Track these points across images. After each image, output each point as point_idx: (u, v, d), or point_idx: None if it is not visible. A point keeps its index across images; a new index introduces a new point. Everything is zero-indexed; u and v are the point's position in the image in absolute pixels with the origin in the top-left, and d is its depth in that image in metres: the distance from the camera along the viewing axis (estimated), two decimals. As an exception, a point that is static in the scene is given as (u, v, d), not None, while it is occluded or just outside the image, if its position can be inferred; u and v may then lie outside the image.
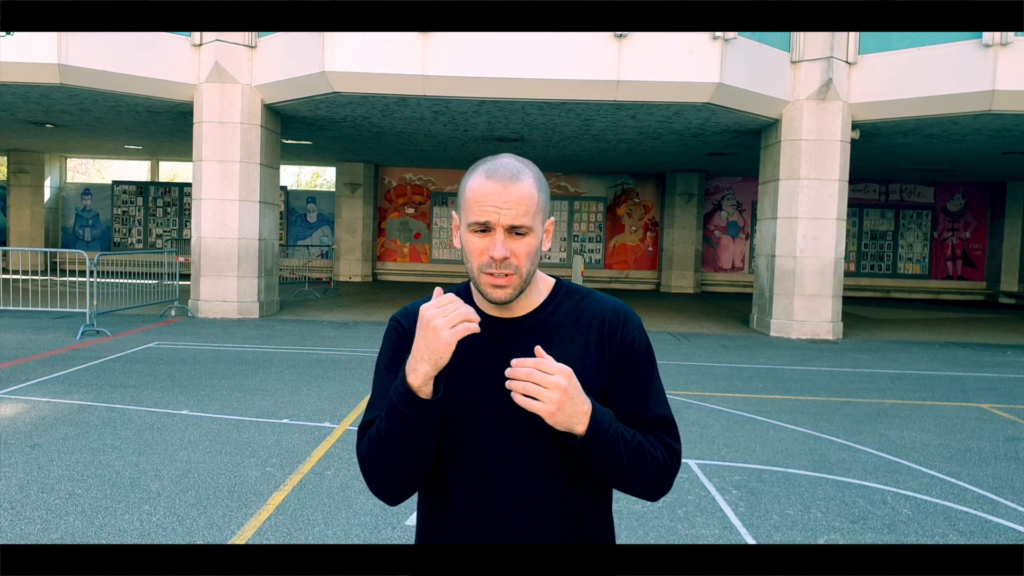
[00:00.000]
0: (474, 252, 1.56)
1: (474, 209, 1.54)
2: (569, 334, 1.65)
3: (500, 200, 1.53)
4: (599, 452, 1.53)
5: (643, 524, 4.58)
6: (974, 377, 10.01)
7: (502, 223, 1.53)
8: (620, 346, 1.68)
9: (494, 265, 1.54)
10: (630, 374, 1.68)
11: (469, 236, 1.57)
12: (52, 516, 4.44)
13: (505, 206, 1.53)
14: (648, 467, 1.60)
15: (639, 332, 1.71)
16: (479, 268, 1.56)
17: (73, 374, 8.33)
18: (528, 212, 1.55)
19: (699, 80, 11.78)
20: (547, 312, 1.67)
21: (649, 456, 1.60)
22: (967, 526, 4.73)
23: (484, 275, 1.56)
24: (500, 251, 1.53)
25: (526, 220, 1.54)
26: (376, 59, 11.79)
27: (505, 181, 1.54)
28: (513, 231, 1.54)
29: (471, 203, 1.55)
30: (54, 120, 16.49)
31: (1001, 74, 11.48)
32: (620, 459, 1.55)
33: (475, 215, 1.54)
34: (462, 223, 1.60)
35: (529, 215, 1.55)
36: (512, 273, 1.56)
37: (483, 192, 1.54)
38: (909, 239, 24.12)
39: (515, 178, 1.55)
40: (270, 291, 14.62)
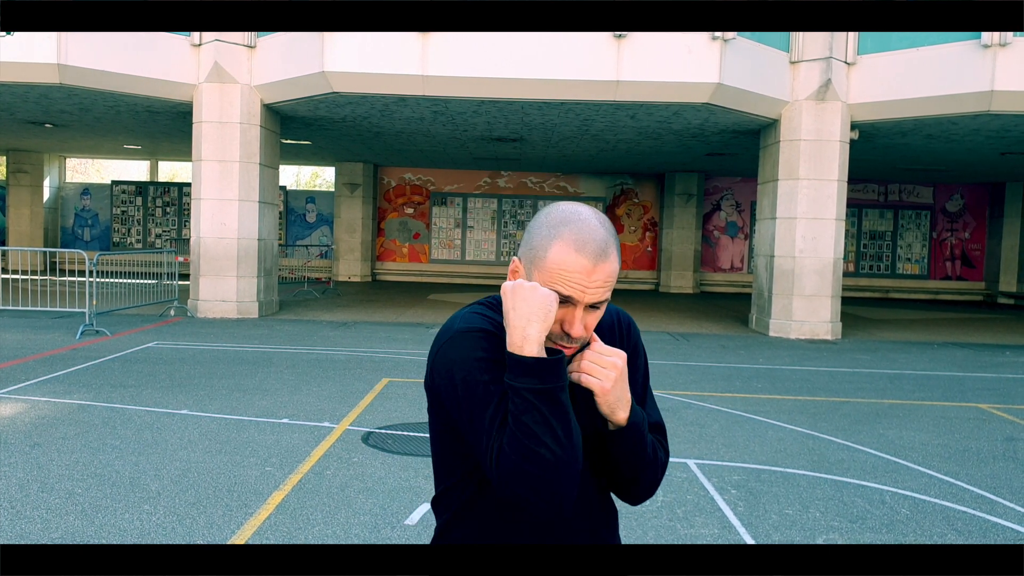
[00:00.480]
0: None
1: (557, 280, 1.47)
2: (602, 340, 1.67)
3: (588, 280, 1.47)
4: (633, 441, 1.55)
5: (642, 524, 4.58)
6: (973, 377, 10.02)
7: (586, 301, 1.49)
8: (632, 351, 1.71)
9: (566, 339, 1.51)
10: (634, 378, 1.70)
11: None
12: (52, 515, 4.44)
13: (592, 285, 1.48)
14: (657, 467, 1.63)
15: (639, 338, 1.75)
16: (551, 334, 1.51)
17: (72, 374, 8.33)
18: (609, 287, 1.51)
19: (698, 80, 11.79)
20: None
21: (655, 456, 1.63)
22: (965, 526, 4.74)
23: (552, 343, 1.52)
24: (579, 330, 1.49)
25: (607, 295, 1.52)
26: (375, 59, 11.80)
27: (595, 259, 1.48)
28: (592, 307, 1.51)
29: (554, 271, 1.48)
30: (53, 120, 16.49)
31: (1000, 74, 11.49)
32: (644, 453, 1.57)
33: (559, 287, 1.47)
34: (533, 275, 1.52)
35: (609, 290, 1.52)
36: (579, 345, 1.54)
37: (572, 268, 1.47)
38: (908, 239, 24.14)
39: (605, 255, 1.49)
40: (269, 291, 14.63)
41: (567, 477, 1.42)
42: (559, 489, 1.42)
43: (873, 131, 14.01)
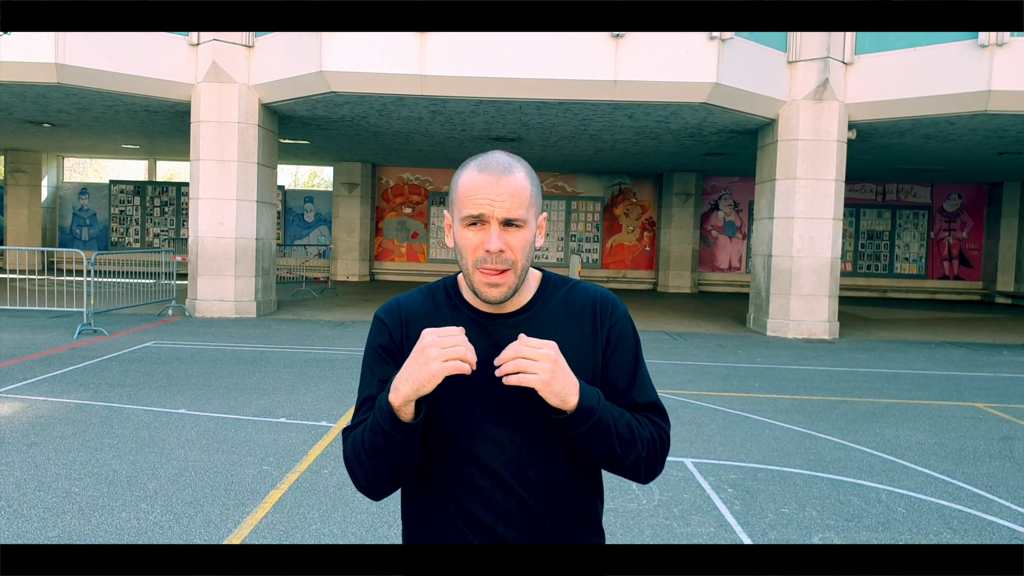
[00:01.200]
0: (468, 247, 1.55)
1: (467, 203, 1.53)
2: (562, 326, 1.65)
3: (494, 192, 1.52)
4: (590, 426, 1.53)
5: (638, 523, 4.59)
6: (970, 377, 10.04)
7: (496, 216, 1.52)
8: (610, 334, 1.68)
9: (490, 259, 1.53)
10: (618, 361, 1.69)
11: (463, 232, 1.55)
12: (49, 514, 4.45)
13: (499, 198, 1.52)
14: (637, 443, 1.61)
15: (625, 319, 1.72)
16: (474, 264, 1.54)
17: (70, 373, 8.34)
18: (522, 204, 1.54)
19: (696, 80, 11.80)
20: (538, 306, 1.67)
21: (637, 433, 1.61)
22: (961, 524, 4.75)
23: (479, 272, 1.54)
24: (495, 243, 1.52)
25: (520, 212, 1.54)
26: (373, 59, 11.80)
27: (498, 174, 1.53)
28: (508, 224, 1.53)
29: (463, 197, 1.54)
30: (51, 119, 16.48)
31: (997, 74, 11.51)
32: (610, 433, 1.56)
33: (468, 208, 1.53)
34: (455, 220, 1.58)
35: (523, 207, 1.54)
36: (507, 269, 1.54)
37: (476, 185, 1.53)
38: (906, 239, 24.16)
39: (508, 171, 1.54)
40: (267, 290, 14.63)
41: (374, 488, 1.62)
42: (370, 489, 1.62)
43: (871, 131, 14.02)
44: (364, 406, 1.64)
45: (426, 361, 1.45)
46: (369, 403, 1.62)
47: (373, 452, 1.55)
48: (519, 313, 1.65)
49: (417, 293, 1.71)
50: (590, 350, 1.66)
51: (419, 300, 1.69)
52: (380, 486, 1.61)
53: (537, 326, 1.63)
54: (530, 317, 1.64)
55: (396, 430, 1.51)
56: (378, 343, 1.67)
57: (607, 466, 1.63)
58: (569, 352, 1.58)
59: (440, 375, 1.45)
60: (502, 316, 1.63)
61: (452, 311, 1.65)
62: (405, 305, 1.69)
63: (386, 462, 1.55)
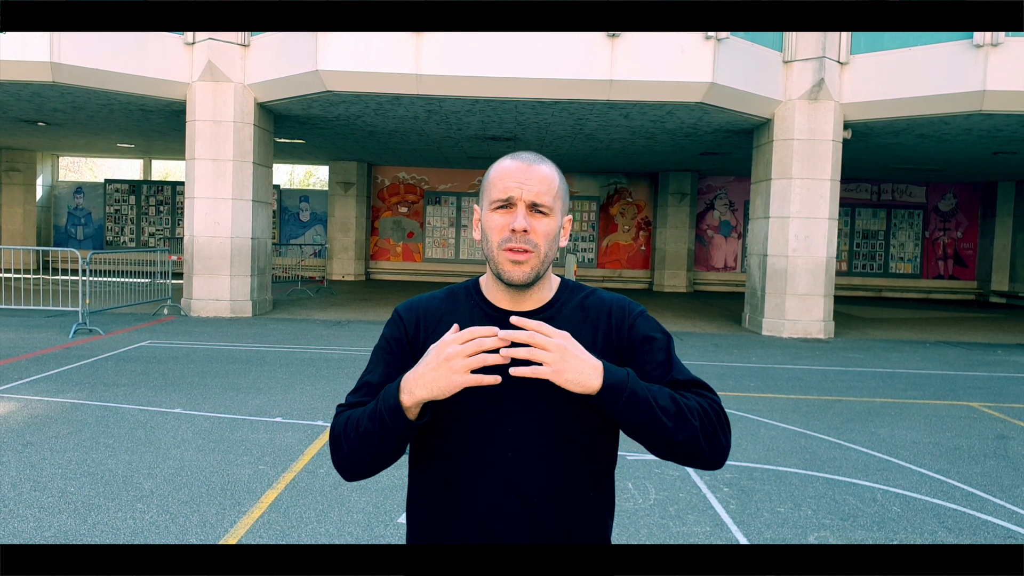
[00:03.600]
0: (495, 228, 1.59)
1: (497, 186, 1.60)
2: (578, 328, 1.65)
3: (523, 176, 1.58)
4: (625, 401, 1.49)
5: (634, 522, 4.60)
6: (964, 376, 10.06)
7: (524, 198, 1.57)
8: (629, 336, 1.68)
9: (514, 239, 1.57)
10: (644, 357, 1.66)
11: (490, 216, 1.60)
12: (45, 514, 4.44)
13: (528, 183, 1.58)
14: (687, 414, 1.54)
15: (644, 318, 1.71)
16: (499, 244, 1.58)
17: (66, 372, 8.32)
18: (549, 192, 1.60)
19: (692, 80, 11.81)
20: (555, 308, 1.68)
21: (683, 405, 1.55)
22: (956, 523, 4.77)
23: (503, 251, 1.58)
24: (521, 222, 1.56)
25: (547, 199, 1.59)
26: (369, 58, 11.79)
27: (528, 162, 1.61)
28: (534, 209, 1.58)
29: (494, 182, 1.61)
30: (46, 118, 16.44)
31: (992, 74, 11.54)
32: (650, 406, 1.51)
33: (497, 192, 1.59)
34: (484, 208, 1.63)
35: (550, 195, 1.60)
36: (531, 250, 1.57)
37: (506, 170, 1.60)
38: (901, 238, 24.21)
39: (538, 161, 1.63)
40: (263, 290, 14.61)
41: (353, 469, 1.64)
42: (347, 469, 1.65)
43: (866, 130, 14.05)
44: (362, 389, 1.69)
45: (449, 371, 1.45)
46: (367, 388, 1.68)
47: (365, 438, 1.57)
48: (537, 313, 1.66)
49: (440, 293, 1.75)
50: (602, 352, 1.65)
51: (439, 300, 1.73)
52: (359, 469, 1.64)
53: (555, 325, 1.61)
54: (547, 318, 1.65)
55: (397, 425, 1.53)
56: (391, 335, 1.72)
57: (666, 451, 1.55)
58: None
59: (461, 386, 1.46)
60: (523, 314, 1.63)
61: (470, 309, 1.67)
62: (425, 304, 1.73)
63: (375, 450, 1.58)
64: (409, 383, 1.51)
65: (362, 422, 1.58)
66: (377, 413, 1.55)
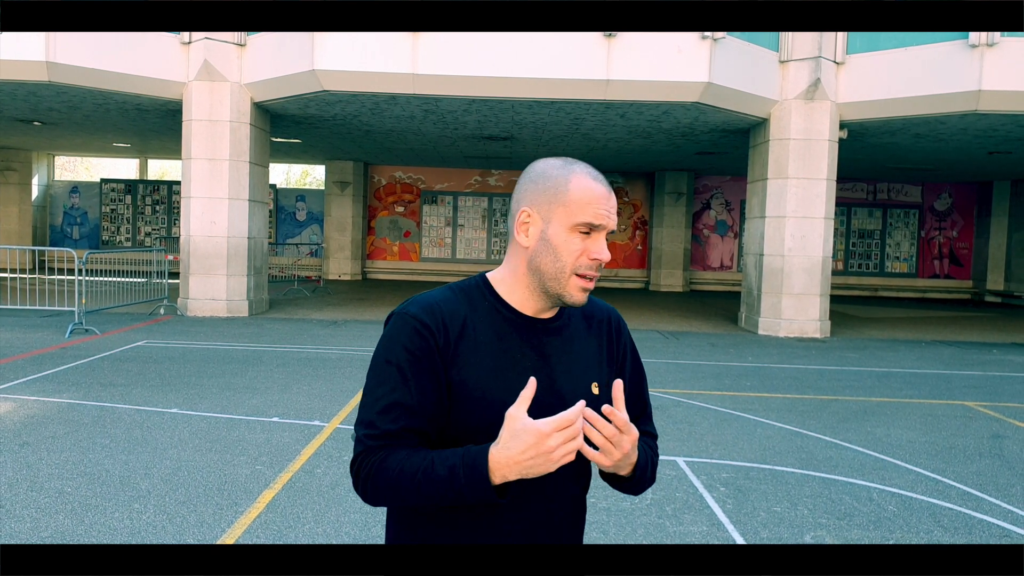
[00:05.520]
0: (573, 251, 1.55)
1: (587, 210, 1.53)
2: (584, 335, 1.69)
3: (609, 205, 1.55)
4: (635, 480, 1.64)
5: (631, 521, 4.61)
6: (960, 375, 10.09)
7: (608, 227, 1.56)
8: (625, 349, 1.75)
9: (592, 267, 1.56)
10: (635, 380, 1.76)
11: (569, 236, 1.55)
12: (42, 514, 4.44)
13: (611, 211, 1.56)
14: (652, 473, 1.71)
15: (628, 330, 1.80)
16: (574, 269, 1.55)
17: (62, 372, 8.31)
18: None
19: (688, 80, 11.83)
20: (566, 316, 1.70)
21: (653, 467, 1.72)
22: (952, 522, 4.78)
23: (577, 277, 1.56)
24: (607, 254, 1.56)
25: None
26: (366, 57, 11.79)
27: (607, 187, 1.58)
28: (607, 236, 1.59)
29: (583, 202, 1.53)
30: (42, 118, 16.41)
31: (987, 74, 11.57)
32: (643, 481, 1.66)
33: (587, 216, 1.53)
34: (557, 221, 1.55)
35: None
36: (598, 275, 1.60)
37: (595, 194, 1.54)
38: (896, 238, 24.26)
39: (609, 185, 1.60)
40: (259, 289, 14.60)
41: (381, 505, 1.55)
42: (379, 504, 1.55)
43: (862, 130, 14.08)
44: (393, 411, 1.51)
45: (548, 456, 1.39)
46: (400, 410, 1.51)
47: (421, 495, 1.47)
48: (554, 320, 1.66)
49: (448, 292, 1.62)
50: (607, 363, 1.71)
51: (453, 300, 1.60)
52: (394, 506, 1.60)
53: (568, 335, 1.66)
54: (562, 325, 1.66)
55: (476, 498, 1.45)
56: (417, 346, 1.53)
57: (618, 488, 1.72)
58: (590, 361, 1.65)
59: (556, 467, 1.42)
60: (543, 321, 1.64)
61: (490, 313, 1.61)
62: (442, 306, 1.58)
63: (430, 503, 1.49)
64: (501, 467, 1.42)
65: (422, 481, 1.46)
66: (454, 481, 1.44)
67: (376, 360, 1.56)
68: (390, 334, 1.55)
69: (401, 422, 1.50)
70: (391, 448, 1.50)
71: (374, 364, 1.56)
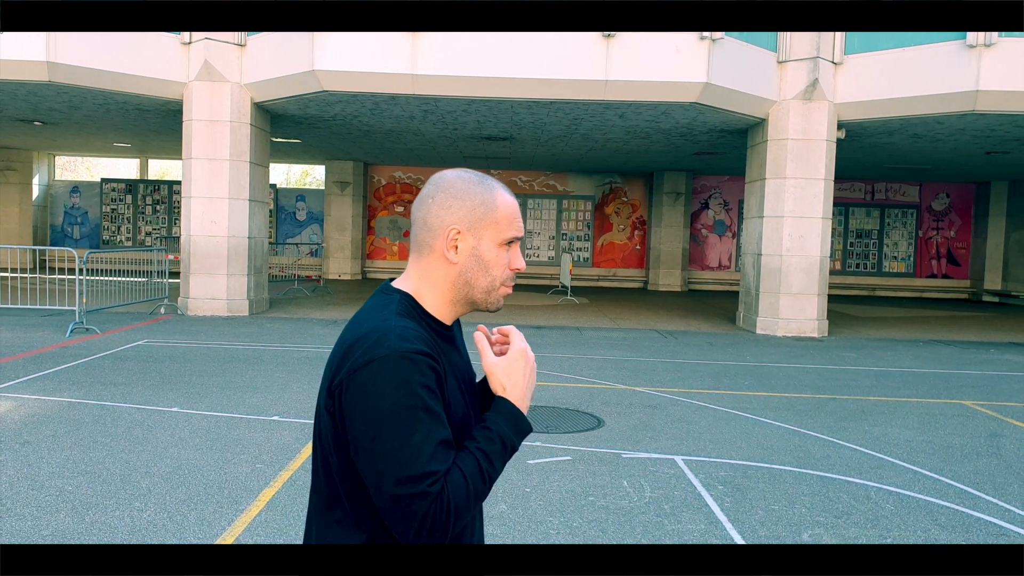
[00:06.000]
0: (501, 265, 1.63)
1: (513, 224, 1.63)
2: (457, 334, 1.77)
3: (521, 216, 1.66)
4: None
5: (629, 520, 4.64)
6: (957, 374, 10.12)
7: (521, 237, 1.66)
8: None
9: (514, 277, 1.66)
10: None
11: (497, 251, 1.62)
12: (43, 513, 4.47)
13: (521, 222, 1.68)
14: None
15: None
16: (502, 281, 1.64)
17: (63, 371, 8.34)
18: None
19: (686, 80, 11.85)
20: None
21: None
22: (949, 521, 4.81)
23: (504, 287, 1.66)
24: (524, 262, 1.66)
25: None
26: (365, 58, 11.81)
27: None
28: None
29: (509, 218, 1.62)
30: (42, 118, 16.43)
31: (985, 74, 11.60)
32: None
33: (514, 230, 1.63)
34: (488, 238, 1.60)
35: None
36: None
37: (516, 209, 1.65)
38: (894, 238, 24.28)
39: None
40: (259, 289, 14.63)
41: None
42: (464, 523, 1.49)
43: (860, 130, 14.10)
44: (440, 451, 1.43)
45: (533, 364, 1.62)
46: (444, 445, 1.44)
47: (495, 477, 1.54)
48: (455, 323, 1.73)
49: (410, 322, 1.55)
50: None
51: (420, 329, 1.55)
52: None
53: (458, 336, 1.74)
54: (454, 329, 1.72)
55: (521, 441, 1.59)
56: (431, 380, 1.47)
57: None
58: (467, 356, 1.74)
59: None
60: (450, 328, 1.68)
61: (428, 331, 1.58)
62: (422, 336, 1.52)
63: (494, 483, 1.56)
64: (522, 400, 1.60)
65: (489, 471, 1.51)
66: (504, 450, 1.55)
67: (392, 411, 1.42)
68: (399, 378, 1.43)
69: (451, 454, 1.46)
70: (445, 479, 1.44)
71: (391, 415, 1.42)
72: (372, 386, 1.43)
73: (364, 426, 1.43)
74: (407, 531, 1.41)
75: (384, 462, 1.41)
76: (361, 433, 1.44)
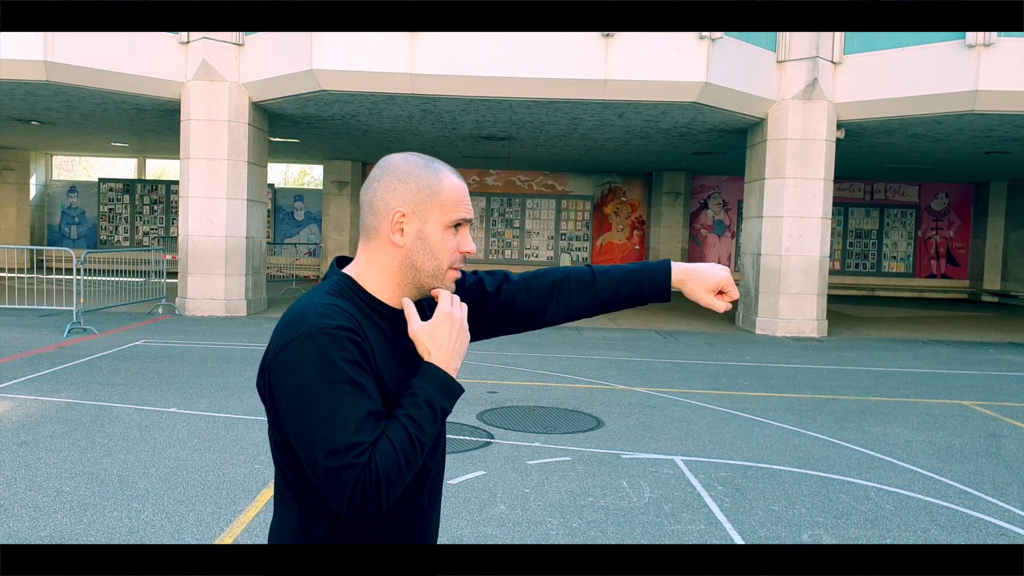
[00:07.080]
0: (449, 248, 1.59)
1: (460, 207, 1.59)
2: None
3: (469, 198, 1.63)
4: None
5: (629, 520, 4.62)
6: (957, 374, 10.11)
7: (471, 220, 1.62)
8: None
9: (463, 259, 1.63)
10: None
11: (444, 233, 1.58)
12: (40, 514, 4.45)
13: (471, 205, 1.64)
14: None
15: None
16: (450, 264, 1.61)
17: (60, 372, 8.32)
18: None
19: (686, 79, 11.84)
20: None
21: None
22: (949, 521, 4.80)
23: (452, 270, 1.62)
24: (474, 246, 1.63)
25: None
26: (364, 57, 11.79)
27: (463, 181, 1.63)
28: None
29: (456, 200, 1.58)
30: (40, 117, 16.40)
31: (984, 74, 11.59)
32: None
33: (461, 212, 1.59)
34: (433, 221, 1.58)
35: None
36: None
37: (463, 191, 1.61)
38: (893, 238, 24.28)
39: None
40: (257, 289, 14.61)
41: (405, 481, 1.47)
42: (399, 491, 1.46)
43: (859, 130, 14.10)
44: (370, 419, 1.43)
45: (462, 325, 1.57)
46: (377, 417, 1.44)
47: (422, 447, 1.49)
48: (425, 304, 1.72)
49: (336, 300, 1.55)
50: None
51: (347, 307, 1.54)
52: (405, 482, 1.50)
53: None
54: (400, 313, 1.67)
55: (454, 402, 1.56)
56: (356, 354, 1.46)
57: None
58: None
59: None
60: (399, 312, 1.63)
61: (370, 313, 1.58)
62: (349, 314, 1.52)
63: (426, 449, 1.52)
64: (449, 362, 1.55)
65: (419, 436, 1.47)
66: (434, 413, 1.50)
67: (314, 386, 1.42)
68: (319, 354, 1.43)
69: (381, 425, 1.45)
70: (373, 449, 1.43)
71: (314, 390, 1.42)
72: (294, 364, 1.45)
73: (290, 404, 1.45)
74: (340, 503, 1.41)
75: (312, 436, 1.42)
76: (288, 411, 1.45)
